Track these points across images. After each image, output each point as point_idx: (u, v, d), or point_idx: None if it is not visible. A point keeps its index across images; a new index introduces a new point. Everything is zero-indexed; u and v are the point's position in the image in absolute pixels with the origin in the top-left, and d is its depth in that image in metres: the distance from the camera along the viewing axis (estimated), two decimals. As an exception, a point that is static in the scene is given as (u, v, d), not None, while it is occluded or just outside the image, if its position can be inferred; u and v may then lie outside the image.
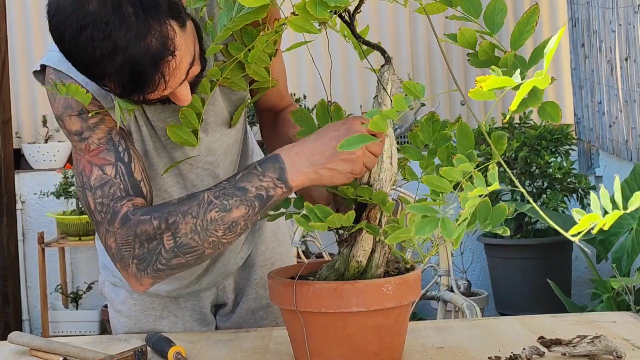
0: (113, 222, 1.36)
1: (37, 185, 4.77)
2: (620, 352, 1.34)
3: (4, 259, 4.11)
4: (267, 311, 1.79)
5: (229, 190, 1.33)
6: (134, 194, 1.39)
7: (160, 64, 1.24)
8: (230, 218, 1.33)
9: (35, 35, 4.99)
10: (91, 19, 1.20)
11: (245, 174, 1.34)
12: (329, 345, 1.35)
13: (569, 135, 4.42)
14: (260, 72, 1.45)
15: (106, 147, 1.41)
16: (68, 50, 1.25)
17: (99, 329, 4.47)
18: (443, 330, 1.60)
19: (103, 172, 1.39)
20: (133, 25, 1.20)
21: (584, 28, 4.61)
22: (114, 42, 1.20)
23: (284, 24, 1.34)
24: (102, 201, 1.38)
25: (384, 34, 5.05)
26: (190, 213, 1.32)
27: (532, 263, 4.32)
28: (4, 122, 4.13)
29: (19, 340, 1.59)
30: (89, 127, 1.42)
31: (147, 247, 1.34)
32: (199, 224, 1.32)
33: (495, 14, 1.17)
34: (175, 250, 1.33)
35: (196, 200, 1.33)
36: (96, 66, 1.24)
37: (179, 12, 1.26)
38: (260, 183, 1.32)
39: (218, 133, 1.57)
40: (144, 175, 1.43)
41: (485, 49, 1.18)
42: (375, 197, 1.31)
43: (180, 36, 1.25)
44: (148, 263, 1.34)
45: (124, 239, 1.35)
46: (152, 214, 1.34)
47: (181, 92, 1.32)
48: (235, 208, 1.32)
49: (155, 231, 1.33)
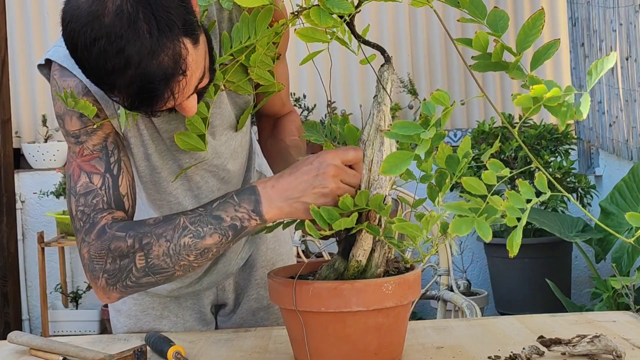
0: (90, 233, 1.39)
1: (37, 184, 4.77)
2: (619, 352, 1.34)
3: (3, 258, 4.11)
4: (268, 312, 1.79)
5: (205, 218, 1.35)
6: (115, 207, 1.42)
7: (171, 81, 1.24)
8: (203, 245, 1.35)
9: (35, 35, 4.99)
10: (105, 32, 1.19)
11: (222, 203, 1.36)
12: (328, 344, 1.35)
13: (568, 135, 4.42)
14: (265, 75, 1.45)
15: (98, 155, 1.43)
16: (79, 59, 1.25)
17: (99, 329, 4.47)
18: (443, 330, 1.60)
19: (90, 180, 1.42)
20: (147, 42, 1.20)
21: (584, 27, 4.61)
22: (126, 57, 1.20)
23: (284, 24, 1.34)
24: (83, 210, 1.41)
25: (384, 34, 5.05)
26: (164, 236, 1.35)
27: (532, 263, 4.32)
28: (3, 121, 4.14)
29: (19, 340, 1.59)
30: (86, 132, 1.43)
31: (118, 264, 1.36)
32: (172, 247, 1.35)
33: (497, 20, 1.18)
34: (146, 270, 1.36)
35: (172, 224, 1.35)
36: (106, 78, 1.24)
37: (193, 29, 1.25)
38: (236, 213, 1.35)
39: (225, 136, 1.57)
40: (129, 190, 1.45)
41: (498, 52, 1.19)
42: (372, 202, 1.31)
43: (192, 54, 1.25)
44: (118, 279, 1.37)
45: (97, 251, 1.38)
46: (128, 231, 1.36)
47: (188, 104, 1.32)
48: (209, 236, 1.35)
49: (129, 249, 1.36)
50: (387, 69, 1.36)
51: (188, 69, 1.25)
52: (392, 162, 1.20)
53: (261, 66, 1.43)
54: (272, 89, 1.51)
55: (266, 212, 1.34)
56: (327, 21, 1.25)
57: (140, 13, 1.19)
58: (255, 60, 1.40)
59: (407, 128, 1.19)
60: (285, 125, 1.68)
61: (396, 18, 5.09)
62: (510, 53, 1.18)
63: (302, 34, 1.30)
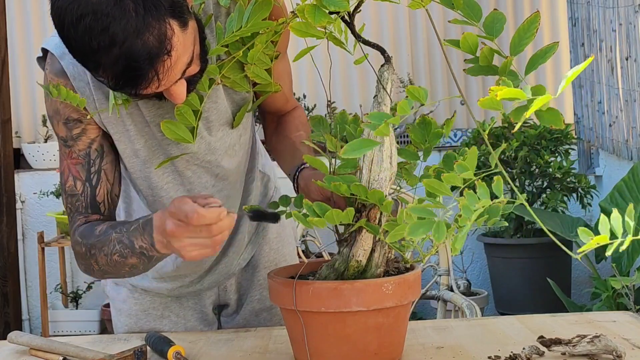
0: (71, 229, 1.54)
1: (37, 184, 4.77)
2: (619, 352, 1.34)
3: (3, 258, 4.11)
4: (270, 313, 1.79)
5: (124, 239, 1.42)
6: (91, 212, 1.53)
7: (156, 61, 1.24)
8: (128, 262, 1.43)
9: (35, 35, 4.99)
10: (92, 9, 1.21)
11: (135, 228, 1.41)
12: (328, 344, 1.35)
13: (568, 135, 4.42)
14: (261, 74, 1.45)
15: (82, 162, 1.51)
16: (66, 37, 1.26)
17: (99, 329, 4.47)
18: (443, 330, 1.60)
19: (74, 184, 1.52)
20: (132, 20, 1.21)
21: (584, 27, 4.61)
22: (111, 35, 1.21)
23: (283, 22, 1.34)
24: (71, 208, 1.54)
25: (384, 34, 5.05)
26: (103, 250, 1.45)
27: (532, 262, 4.32)
28: (3, 121, 4.13)
29: (19, 340, 1.59)
30: (72, 137, 1.50)
31: (83, 261, 1.50)
32: (109, 260, 1.45)
33: (495, 23, 1.17)
34: (102, 271, 1.49)
35: (107, 240, 1.44)
36: (92, 56, 1.25)
37: (181, 12, 1.26)
38: (141, 242, 1.40)
39: (221, 132, 1.56)
40: (107, 197, 1.54)
41: (486, 55, 1.19)
42: (371, 196, 1.30)
43: (179, 36, 1.25)
44: (89, 271, 1.51)
45: (72, 246, 1.53)
46: (83, 239, 1.48)
47: (176, 90, 1.33)
48: (129, 257, 1.42)
49: (84, 255, 1.49)
50: (387, 69, 1.36)
51: (173, 50, 1.25)
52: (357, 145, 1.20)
53: (258, 64, 1.43)
54: (269, 88, 1.50)
55: (158, 247, 1.38)
56: (321, 19, 1.24)
57: None
58: (253, 57, 1.39)
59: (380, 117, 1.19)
60: (291, 122, 1.68)
61: (396, 18, 5.09)
62: (500, 56, 1.18)
63: (295, 28, 1.30)
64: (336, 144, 1.43)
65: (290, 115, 1.70)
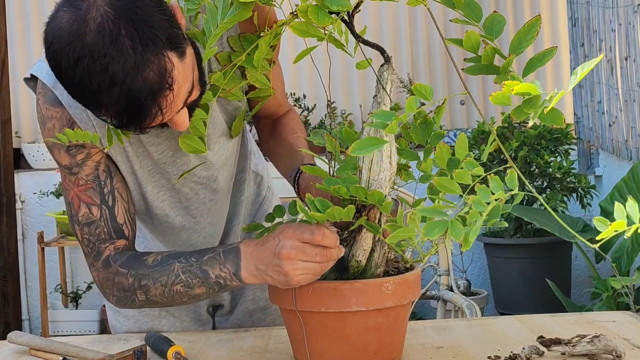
0: (97, 260, 1.47)
1: (37, 184, 4.77)
2: (619, 352, 1.34)
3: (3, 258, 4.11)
4: (264, 313, 1.80)
5: (195, 270, 1.39)
6: (116, 237, 1.48)
7: (158, 96, 1.23)
8: (193, 293, 1.42)
9: (35, 35, 4.99)
10: (88, 50, 1.19)
11: (210, 258, 1.39)
12: (328, 344, 1.35)
13: (568, 135, 4.42)
14: (261, 78, 1.44)
15: (92, 186, 1.47)
16: (64, 80, 1.24)
17: (99, 329, 4.48)
18: (443, 330, 1.60)
19: (90, 211, 1.47)
20: (130, 58, 1.19)
21: (583, 27, 4.61)
22: (111, 75, 1.19)
23: (283, 24, 1.34)
24: (89, 238, 1.48)
25: (384, 34, 5.05)
26: (160, 281, 1.41)
27: (531, 262, 4.32)
28: (3, 121, 4.13)
29: (19, 340, 1.59)
30: (77, 164, 1.46)
31: (123, 294, 1.45)
32: (166, 291, 1.42)
33: (494, 25, 1.18)
34: (147, 302, 1.45)
35: (167, 270, 1.41)
36: (92, 97, 1.23)
37: (178, 42, 1.24)
38: (220, 272, 1.38)
39: (218, 145, 1.56)
40: (127, 217, 1.50)
41: (489, 54, 1.19)
42: (370, 197, 1.30)
43: (178, 68, 1.24)
44: (125, 303, 1.47)
45: (104, 278, 1.47)
46: (129, 270, 1.44)
47: (179, 119, 1.31)
48: (198, 287, 1.40)
49: (130, 287, 1.44)
50: (387, 69, 1.36)
51: (175, 83, 1.24)
52: (364, 144, 1.20)
53: (258, 67, 1.42)
54: (267, 92, 1.50)
55: (244, 277, 1.37)
56: (324, 20, 1.24)
57: (122, 29, 1.18)
58: (259, 60, 1.38)
59: (385, 116, 1.19)
60: (287, 124, 1.68)
61: (396, 18, 5.09)
62: (501, 56, 1.18)
63: (296, 27, 1.29)
64: (336, 145, 1.43)
65: (285, 118, 1.70)
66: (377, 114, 1.20)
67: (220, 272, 1.37)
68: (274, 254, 1.31)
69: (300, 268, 1.30)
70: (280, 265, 1.30)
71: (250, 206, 1.80)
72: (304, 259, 1.30)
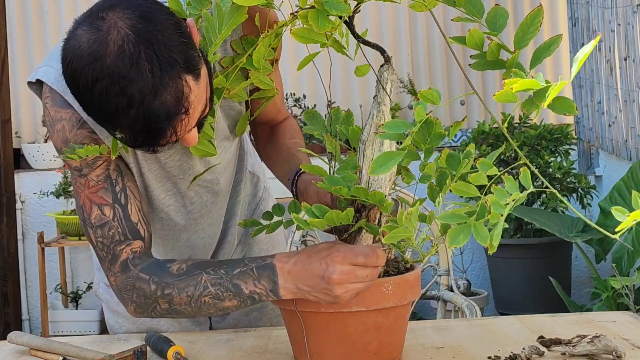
0: (114, 264, 1.43)
1: (37, 185, 4.77)
2: (619, 352, 1.34)
3: (3, 258, 4.11)
4: (261, 312, 1.80)
5: (225, 283, 1.36)
6: (132, 237, 1.44)
7: (174, 120, 1.24)
8: (222, 306, 1.38)
9: (35, 35, 4.98)
10: (107, 72, 1.19)
11: (242, 272, 1.35)
12: (328, 345, 1.35)
13: (568, 135, 4.42)
14: (264, 79, 1.44)
15: (104, 186, 1.44)
16: (81, 98, 1.25)
17: (99, 329, 4.47)
18: (443, 330, 1.60)
19: (102, 212, 1.44)
20: (149, 81, 1.19)
21: (583, 27, 4.61)
22: (129, 97, 1.20)
23: (283, 25, 1.34)
24: (103, 241, 1.44)
25: (384, 34, 5.05)
26: (186, 291, 1.37)
27: (532, 262, 4.32)
28: (3, 122, 4.13)
29: (19, 340, 1.59)
30: (87, 164, 1.43)
31: (143, 301, 1.40)
32: (193, 302, 1.37)
33: (497, 18, 1.17)
34: (170, 311, 1.40)
35: (194, 281, 1.37)
36: (109, 117, 1.24)
37: (195, 65, 1.25)
38: (254, 288, 1.35)
39: (220, 149, 1.56)
40: (140, 215, 1.46)
41: (494, 50, 1.19)
42: (371, 197, 1.30)
43: (194, 91, 1.24)
44: (144, 310, 1.41)
45: (123, 284, 1.42)
46: (152, 276, 1.39)
47: (189, 136, 1.31)
48: (228, 300, 1.37)
49: (152, 294, 1.39)
50: (387, 69, 1.36)
51: (190, 107, 1.24)
52: (381, 161, 1.19)
53: (259, 67, 1.42)
54: (270, 93, 1.50)
55: (283, 294, 1.34)
56: (325, 25, 1.24)
57: (142, 52, 1.19)
58: (259, 59, 1.38)
59: (398, 127, 1.18)
60: (285, 130, 1.69)
61: (396, 18, 5.09)
62: (506, 51, 1.18)
63: (298, 34, 1.29)
64: (335, 145, 1.43)
65: (283, 124, 1.71)
66: (388, 124, 1.20)
67: (255, 287, 1.34)
68: (322, 278, 1.29)
69: (351, 290, 1.29)
70: (330, 289, 1.29)
71: (247, 206, 1.81)
72: (355, 282, 1.29)
